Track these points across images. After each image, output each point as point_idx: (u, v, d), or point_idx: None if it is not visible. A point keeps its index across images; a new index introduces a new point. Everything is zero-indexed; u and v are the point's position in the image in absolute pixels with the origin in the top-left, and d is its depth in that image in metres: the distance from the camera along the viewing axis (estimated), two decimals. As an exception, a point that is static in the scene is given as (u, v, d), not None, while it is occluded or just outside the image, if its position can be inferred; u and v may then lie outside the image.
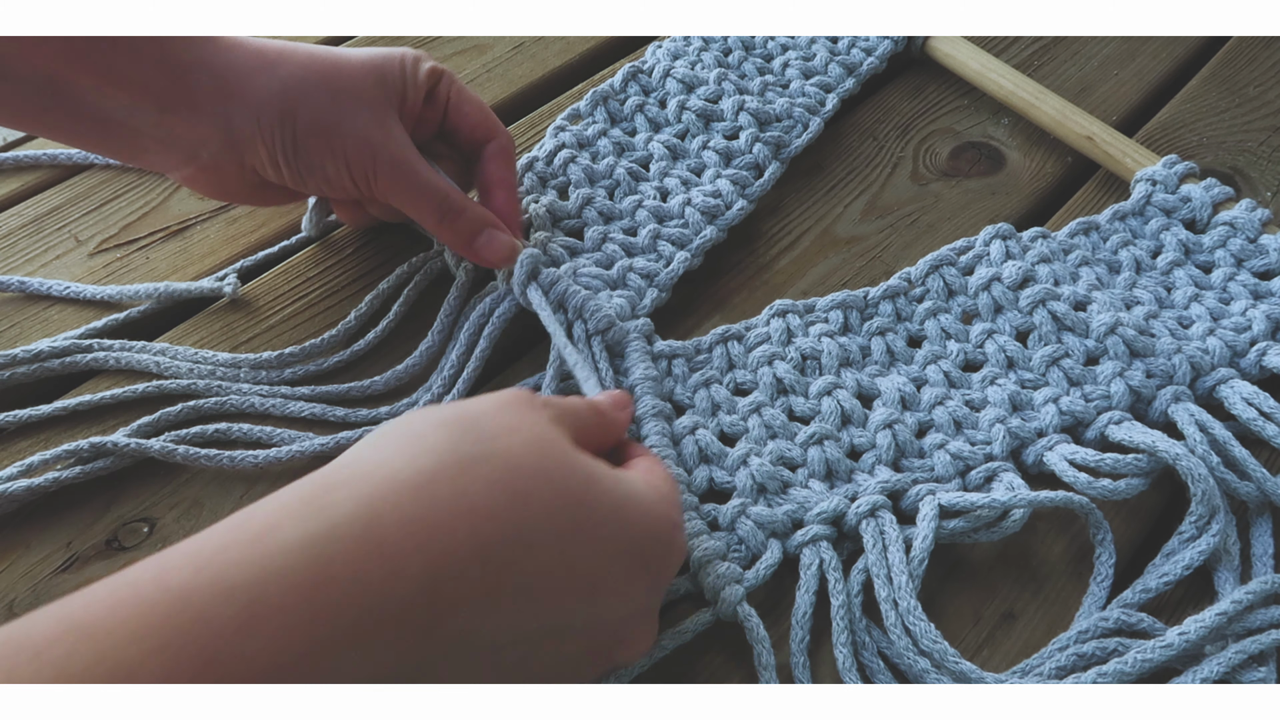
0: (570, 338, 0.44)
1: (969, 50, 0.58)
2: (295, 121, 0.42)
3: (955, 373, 0.45)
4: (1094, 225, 0.50)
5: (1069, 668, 0.36)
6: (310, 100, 0.42)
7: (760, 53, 0.58)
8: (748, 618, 0.36)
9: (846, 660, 0.36)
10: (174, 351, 0.45)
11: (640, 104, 0.55)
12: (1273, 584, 0.37)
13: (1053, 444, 0.42)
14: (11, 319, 0.47)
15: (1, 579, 0.39)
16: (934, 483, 0.41)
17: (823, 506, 0.39)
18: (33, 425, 0.43)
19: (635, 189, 0.52)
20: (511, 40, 0.62)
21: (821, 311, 0.47)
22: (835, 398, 0.43)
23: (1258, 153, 0.56)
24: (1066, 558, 0.40)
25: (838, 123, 0.57)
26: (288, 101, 0.41)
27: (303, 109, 0.42)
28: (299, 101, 0.42)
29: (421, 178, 0.44)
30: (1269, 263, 0.48)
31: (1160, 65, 0.62)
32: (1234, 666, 0.35)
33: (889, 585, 0.37)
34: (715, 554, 0.38)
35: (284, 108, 0.41)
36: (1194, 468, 0.39)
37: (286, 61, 0.42)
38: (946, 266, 0.48)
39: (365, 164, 0.43)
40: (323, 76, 0.42)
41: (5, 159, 0.54)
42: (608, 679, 0.35)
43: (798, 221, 0.53)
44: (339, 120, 0.42)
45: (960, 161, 0.56)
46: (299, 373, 0.45)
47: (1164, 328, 0.45)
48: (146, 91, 0.40)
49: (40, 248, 0.51)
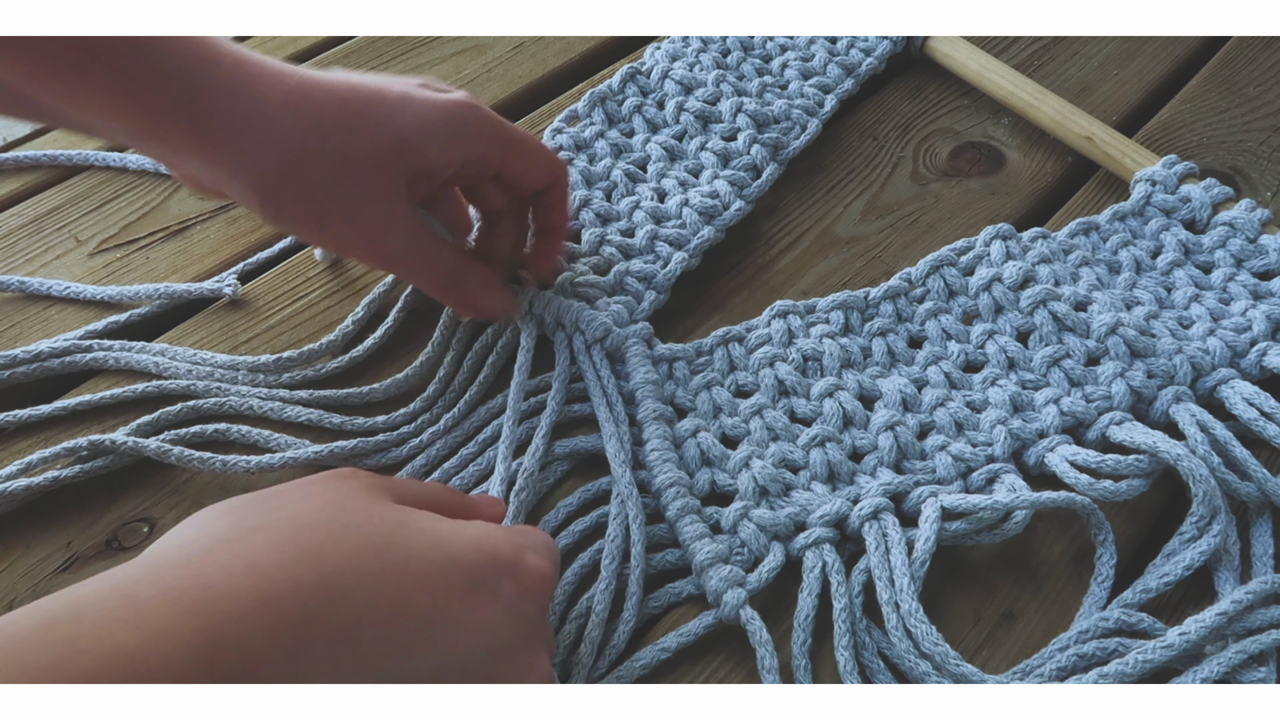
0: (570, 350, 0.44)
1: (969, 50, 0.58)
2: (280, 194, 0.37)
3: (956, 374, 0.45)
4: (1094, 225, 0.50)
5: (1069, 668, 0.36)
6: (301, 175, 0.37)
7: (759, 53, 0.58)
8: (750, 621, 0.36)
9: (848, 662, 0.36)
10: (174, 352, 0.45)
11: (638, 105, 0.55)
12: (1273, 584, 0.37)
13: (1054, 445, 0.42)
14: (11, 319, 0.47)
15: (1, 579, 0.39)
16: (936, 484, 0.41)
17: (825, 509, 0.39)
18: (33, 425, 0.42)
19: (632, 190, 0.52)
20: (511, 40, 0.62)
21: (822, 312, 0.47)
22: (837, 399, 0.43)
23: (1258, 153, 0.56)
24: (1066, 558, 0.40)
25: (837, 123, 0.57)
26: (275, 172, 0.36)
27: (290, 184, 0.37)
28: (287, 175, 0.37)
29: (423, 261, 0.41)
30: (1269, 263, 0.48)
31: (1160, 65, 0.62)
32: (1234, 666, 0.35)
33: (891, 588, 0.37)
34: (718, 557, 0.38)
35: (270, 177, 0.37)
36: (1195, 468, 0.39)
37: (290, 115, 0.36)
38: (947, 267, 0.48)
39: (358, 247, 0.40)
40: (325, 145, 0.37)
41: (5, 159, 0.54)
42: (605, 679, 0.35)
43: (798, 222, 0.53)
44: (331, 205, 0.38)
45: (960, 161, 0.56)
46: (296, 377, 0.45)
47: (1164, 328, 0.45)
48: (118, 126, 0.36)
49: (40, 248, 0.50)
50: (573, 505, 0.41)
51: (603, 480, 0.41)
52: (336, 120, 0.37)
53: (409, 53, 0.61)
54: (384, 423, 0.43)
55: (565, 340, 0.45)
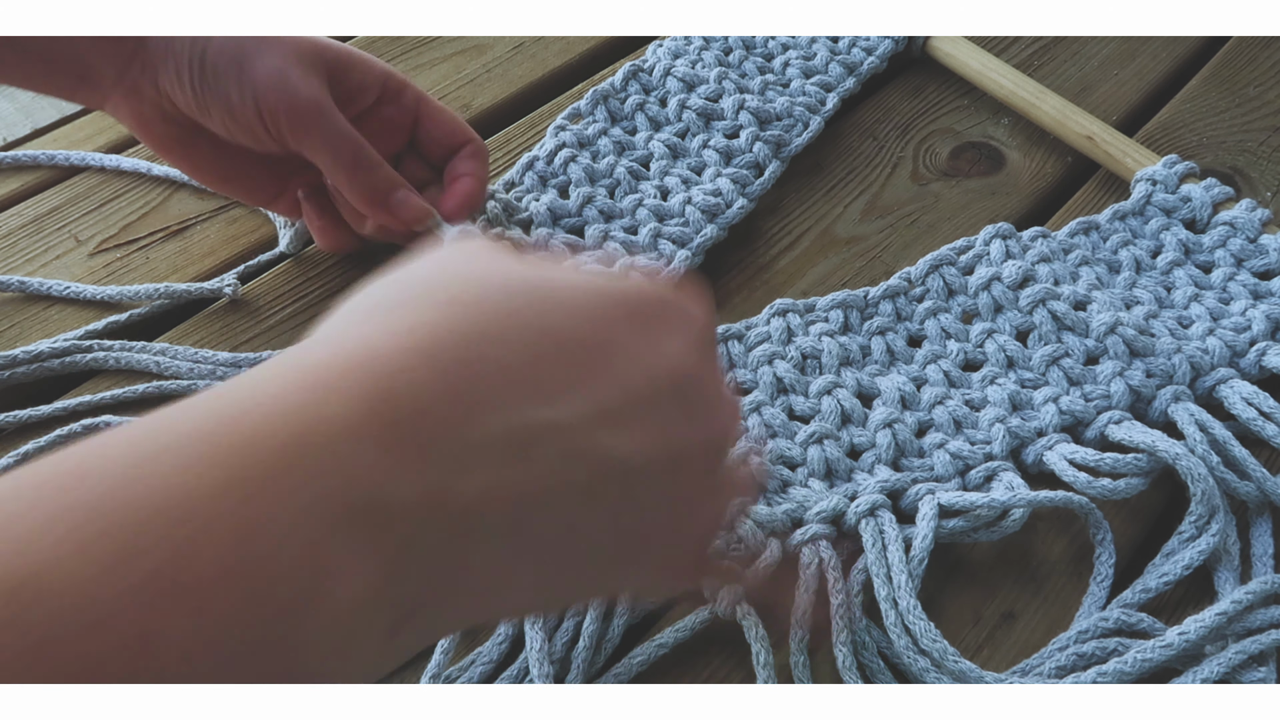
0: None
1: (969, 50, 0.58)
2: (208, 45, 0.40)
3: (955, 372, 0.45)
4: (1094, 225, 0.50)
5: (1069, 667, 0.36)
6: (226, 41, 0.40)
7: (761, 52, 0.58)
8: (746, 616, 0.36)
9: (846, 659, 0.36)
10: (174, 351, 0.45)
11: (641, 103, 0.55)
12: (1273, 584, 0.37)
13: (1052, 443, 0.42)
14: (11, 319, 0.47)
15: (1, 578, 0.39)
16: (934, 482, 0.41)
17: (822, 505, 0.39)
18: (33, 425, 0.43)
19: (636, 188, 0.52)
20: (511, 40, 0.62)
21: (822, 311, 0.47)
22: (835, 397, 0.43)
23: (1258, 153, 0.56)
24: (1066, 558, 0.40)
25: (838, 122, 0.57)
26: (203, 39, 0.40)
27: (215, 43, 0.40)
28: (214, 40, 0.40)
29: (337, 123, 0.42)
30: (1269, 263, 0.48)
31: (1160, 65, 0.62)
32: (1234, 666, 0.35)
33: (889, 584, 0.37)
34: (714, 552, 0.38)
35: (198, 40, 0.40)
36: (1194, 467, 0.39)
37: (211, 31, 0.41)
38: (946, 266, 0.48)
39: (275, 100, 0.41)
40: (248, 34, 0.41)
41: (5, 159, 0.54)
42: (602, 676, 0.35)
43: (798, 221, 0.53)
44: (255, 53, 0.41)
45: (960, 161, 0.56)
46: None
47: (1164, 327, 0.45)
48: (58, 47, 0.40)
49: (40, 248, 0.51)
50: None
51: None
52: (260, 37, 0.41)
53: (409, 52, 0.61)
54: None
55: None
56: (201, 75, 0.41)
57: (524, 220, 0.50)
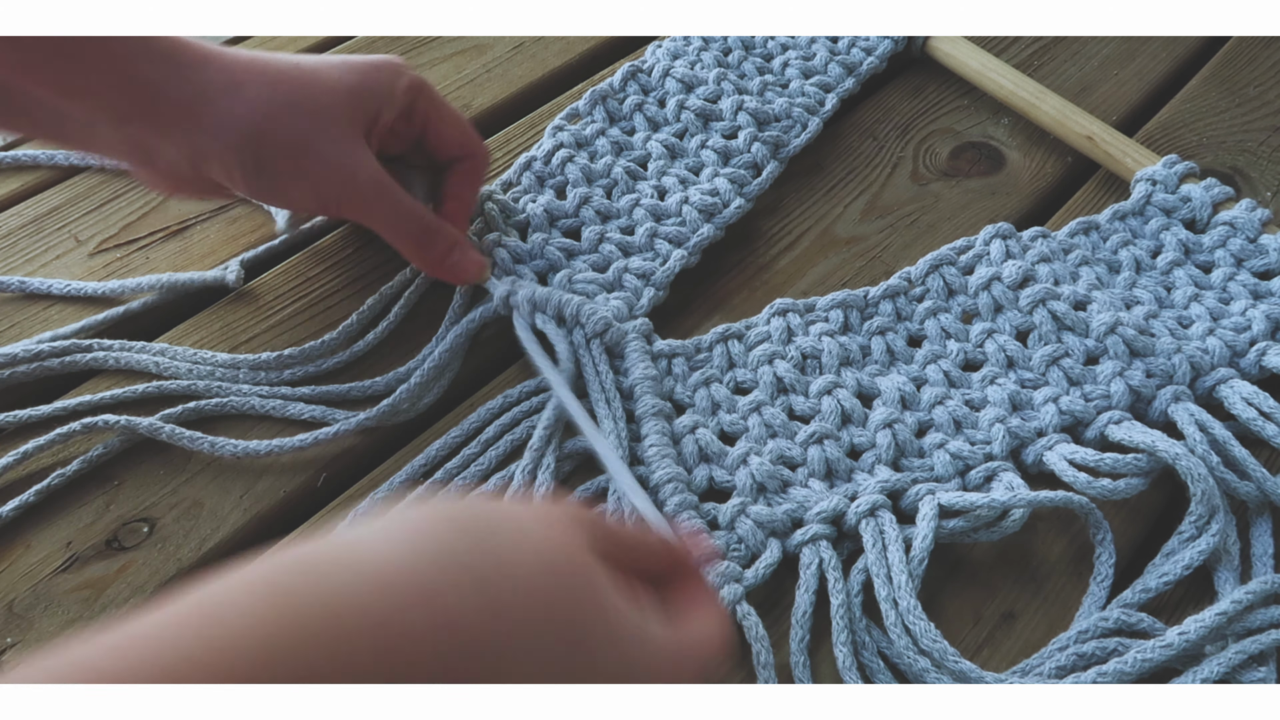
0: (570, 344, 0.44)
1: (969, 50, 0.58)
2: (259, 147, 0.40)
3: (955, 372, 0.45)
4: (1094, 225, 0.50)
5: (1069, 667, 0.36)
6: (276, 125, 0.40)
7: (760, 52, 0.58)
8: (746, 616, 0.36)
9: (846, 659, 0.36)
10: (174, 352, 0.45)
11: (639, 103, 0.55)
12: (1273, 584, 0.37)
13: (1052, 443, 0.42)
14: (11, 319, 0.47)
15: (1, 579, 0.39)
16: (934, 482, 0.41)
17: (822, 506, 0.39)
18: (33, 425, 0.42)
19: (633, 188, 0.52)
20: (511, 40, 0.62)
21: (822, 311, 0.47)
22: (835, 397, 0.43)
23: (1258, 153, 0.56)
24: (1066, 558, 0.40)
25: (838, 122, 0.57)
26: (253, 125, 0.40)
27: (267, 135, 0.40)
28: (264, 126, 0.40)
29: (398, 201, 0.43)
30: (1269, 263, 0.48)
31: (1160, 65, 0.62)
32: (1234, 666, 0.35)
33: (889, 585, 0.37)
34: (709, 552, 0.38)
35: (248, 132, 0.40)
36: (1194, 467, 0.39)
37: (255, 80, 0.40)
38: (946, 266, 0.48)
39: (333, 191, 0.42)
40: (291, 98, 0.41)
41: (5, 159, 0.54)
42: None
43: (798, 221, 0.53)
44: (305, 148, 0.41)
45: (960, 161, 0.56)
46: (298, 374, 0.45)
47: (1164, 327, 0.45)
48: (106, 108, 0.39)
49: (40, 248, 0.51)
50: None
51: (601, 479, 0.41)
52: (295, 80, 0.41)
53: (409, 52, 0.61)
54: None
55: (565, 335, 0.45)
56: (258, 173, 0.41)
57: (520, 223, 0.50)
